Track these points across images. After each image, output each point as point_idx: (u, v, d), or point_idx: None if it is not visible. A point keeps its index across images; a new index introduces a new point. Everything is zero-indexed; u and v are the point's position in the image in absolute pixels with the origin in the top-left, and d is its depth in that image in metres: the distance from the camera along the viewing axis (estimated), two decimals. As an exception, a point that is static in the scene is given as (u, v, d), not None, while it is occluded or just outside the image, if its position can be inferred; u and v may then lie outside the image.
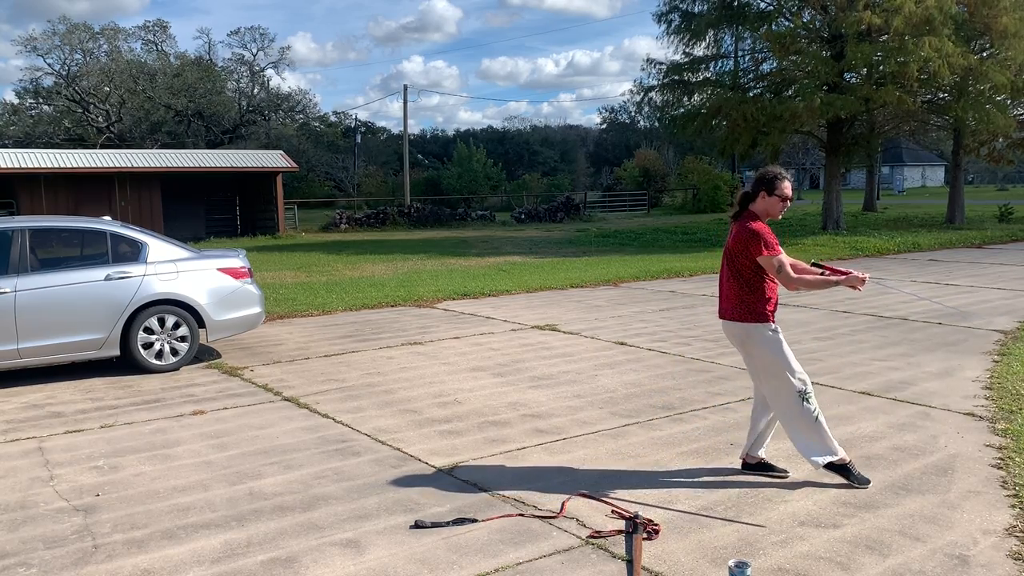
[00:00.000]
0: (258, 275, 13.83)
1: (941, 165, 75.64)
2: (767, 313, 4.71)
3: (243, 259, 8.87)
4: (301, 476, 5.18)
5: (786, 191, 4.68)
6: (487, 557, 3.99)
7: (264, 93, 57.93)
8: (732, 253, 4.74)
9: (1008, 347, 8.43)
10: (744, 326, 4.73)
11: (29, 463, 5.54)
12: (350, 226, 32.92)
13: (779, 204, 4.71)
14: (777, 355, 4.69)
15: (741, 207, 4.80)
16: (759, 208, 4.75)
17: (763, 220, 4.74)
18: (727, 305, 4.83)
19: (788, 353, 4.71)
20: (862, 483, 4.72)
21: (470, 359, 8.51)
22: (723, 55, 27.00)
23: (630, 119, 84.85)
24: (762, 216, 4.74)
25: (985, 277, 14.32)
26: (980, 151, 27.87)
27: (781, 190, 4.68)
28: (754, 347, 4.74)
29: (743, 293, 4.72)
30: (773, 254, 4.59)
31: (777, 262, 4.60)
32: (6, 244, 7.66)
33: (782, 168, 4.83)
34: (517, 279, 15.19)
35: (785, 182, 4.69)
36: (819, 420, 4.69)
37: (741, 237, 4.68)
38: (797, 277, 4.65)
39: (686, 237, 24.56)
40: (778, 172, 4.73)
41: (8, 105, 53.15)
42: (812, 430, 4.69)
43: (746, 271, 4.70)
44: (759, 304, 4.70)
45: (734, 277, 4.75)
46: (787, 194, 4.68)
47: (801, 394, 4.67)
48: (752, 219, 4.72)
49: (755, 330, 4.70)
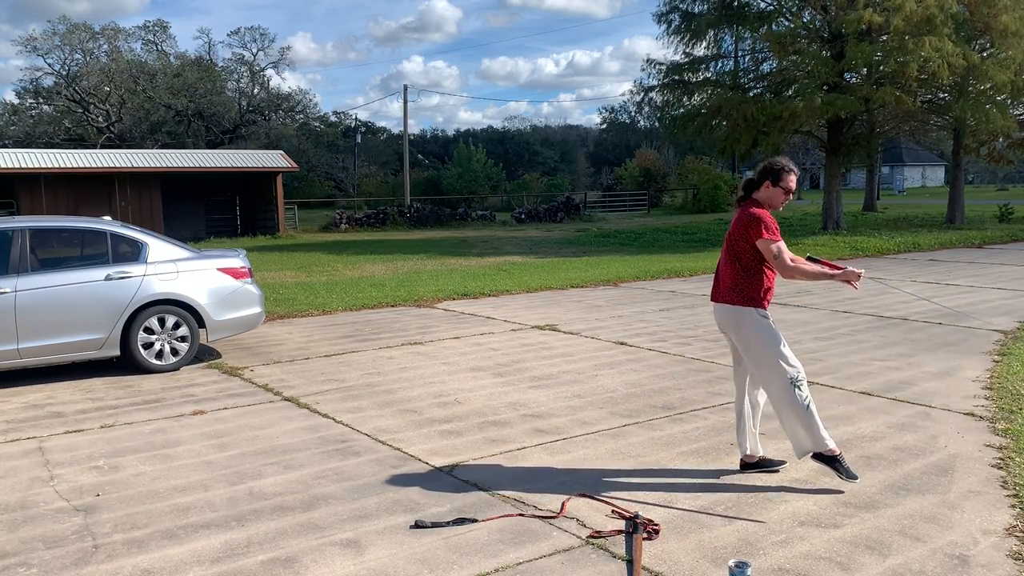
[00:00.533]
0: (258, 275, 13.84)
1: (941, 165, 75.65)
2: (760, 299, 4.72)
3: (243, 259, 8.87)
4: (301, 476, 5.18)
5: (790, 183, 4.73)
6: (487, 557, 3.99)
7: (264, 93, 57.95)
8: (732, 237, 4.78)
9: (1008, 347, 8.43)
10: (734, 309, 4.75)
11: (29, 463, 5.54)
12: (350, 226, 32.93)
13: (782, 195, 4.76)
14: (767, 340, 4.69)
15: (745, 193, 4.84)
16: (762, 196, 4.80)
17: (766, 208, 4.77)
18: (721, 288, 4.86)
19: (779, 339, 4.71)
20: (850, 477, 4.70)
21: (470, 359, 8.51)
22: (723, 55, 27.00)
23: (630, 119, 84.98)
24: (764, 205, 4.79)
25: (985, 277, 14.31)
26: (980, 151, 27.87)
27: (786, 182, 4.73)
28: (744, 331, 4.74)
29: (739, 277, 4.74)
30: (772, 239, 4.62)
31: (776, 247, 4.62)
32: (6, 244, 7.66)
33: (790, 160, 4.86)
34: (517, 279, 15.19)
35: (791, 175, 4.75)
36: (810, 409, 4.67)
37: (742, 221, 4.71)
38: (793, 266, 4.66)
39: (686, 237, 24.56)
40: (784, 164, 4.78)
41: (8, 105, 53.22)
42: (802, 419, 4.68)
43: (744, 255, 4.72)
44: (753, 289, 4.72)
45: (732, 261, 4.78)
46: (791, 187, 4.74)
47: (793, 381, 4.66)
48: (755, 205, 4.76)
49: (745, 314, 4.72)
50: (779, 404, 4.74)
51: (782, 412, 4.74)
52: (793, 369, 4.67)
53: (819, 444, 4.70)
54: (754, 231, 4.65)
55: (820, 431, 4.69)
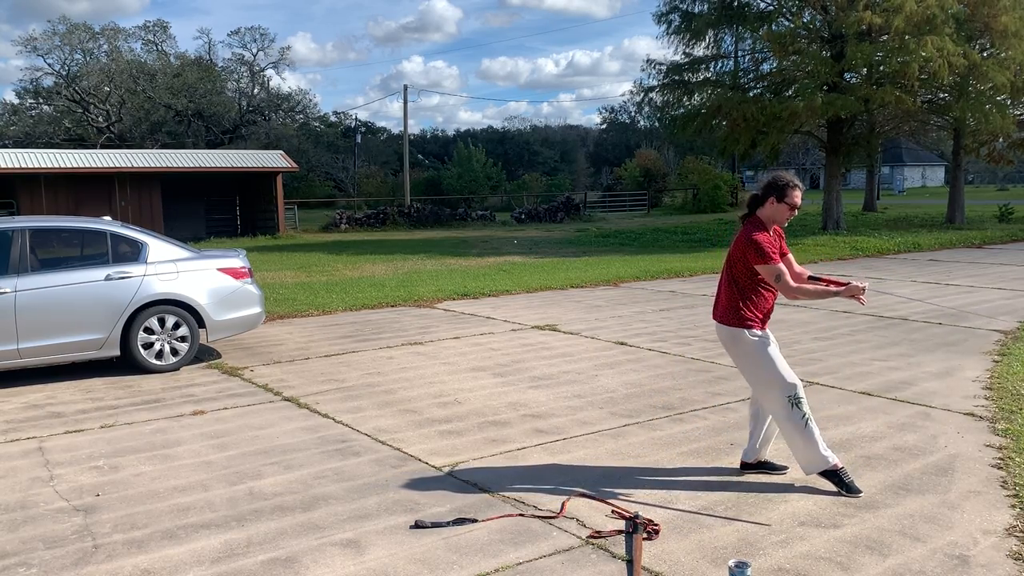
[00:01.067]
0: (258, 275, 13.83)
1: (941, 165, 75.64)
2: (754, 320, 4.72)
3: (243, 259, 8.87)
4: (301, 476, 5.18)
5: (795, 200, 4.70)
6: (487, 557, 3.99)
7: (264, 93, 57.97)
8: (731, 259, 4.78)
9: (1008, 347, 8.43)
10: (730, 330, 4.76)
11: (29, 463, 5.54)
12: (350, 226, 32.93)
13: (787, 212, 4.72)
14: (761, 360, 4.70)
15: (750, 210, 4.82)
16: (765, 213, 4.75)
17: (768, 226, 4.75)
18: (719, 307, 4.88)
19: (774, 357, 4.70)
20: (853, 492, 4.66)
21: (470, 359, 8.51)
22: (723, 55, 26.98)
23: (630, 119, 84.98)
24: (767, 222, 4.75)
25: (985, 277, 14.31)
26: (980, 151, 27.87)
27: (791, 198, 4.69)
28: (739, 351, 4.78)
29: (735, 298, 4.75)
30: (771, 263, 4.61)
31: (775, 271, 4.61)
32: (6, 244, 7.66)
33: (795, 176, 4.83)
34: (517, 279, 15.19)
35: (796, 191, 4.70)
36: (809, 427, 4.65)
37: (740, 244, 4.70)
38: (796, 286, 4.66)
39: (686, 237, 24.56)
40: (790, 180, 4.73)
41: (8, 105, 53.25)
42: (802, 437, 4.67)
43: (741, 278, 4.73)
44: (748, 310, 4.72)
45: (730, 282, 4.79)
46: (796, 203, 4.70)
47: (790, 399, 4.64)
48: (755, 226, 4.72)
49: (740, 335, 4.73)
50: (779, 421, 4.76)
51: (783, 429, 4.76)
52: (789, 387, 4.65)
53: (820, 461, 4.68)
54: (752, 257, 4.64)
55: (820, 448, 4.66)
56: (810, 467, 4.73)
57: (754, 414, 5.03)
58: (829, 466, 4.70)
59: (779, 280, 4.61)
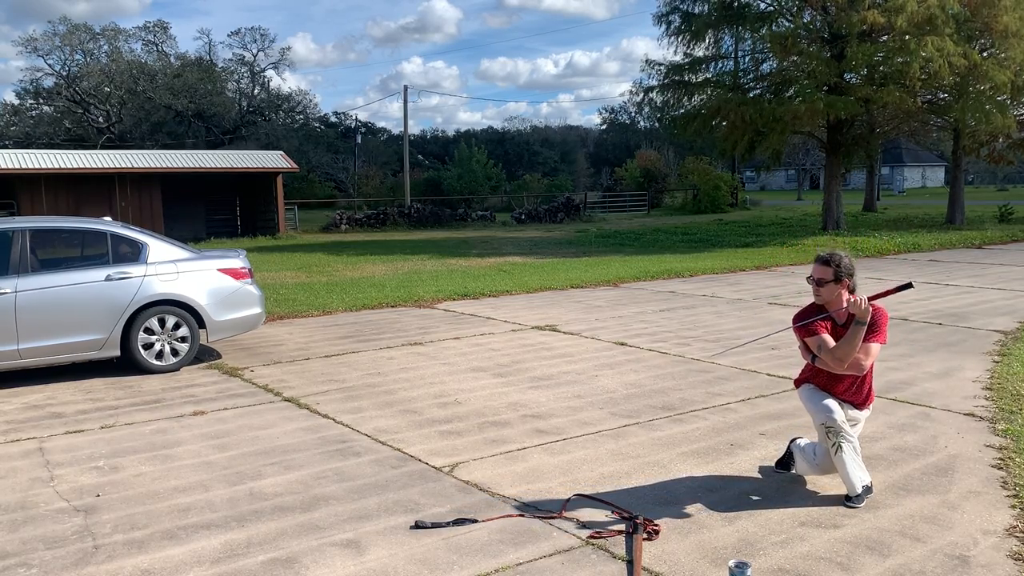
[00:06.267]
0: (258, 275, 13.83)
1: (941, 165, 75.65)
2: (801, 379, 4.95)
3: (243, 259, 8.87)
4: (301, 476, 5.18)
5: (811, 273, 4.79)
6: (487, 557, 3.99)
7: (264, 94, 58.02)
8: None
9: (1008, 347, 8.43)
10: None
11: (29, 463, 5.54)
12: (350, 227, 32.93)
13: (814, 288, 4.79)
14: (805, 404, 4.86)
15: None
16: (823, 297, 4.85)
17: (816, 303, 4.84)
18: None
19: (811, 399, 4.78)
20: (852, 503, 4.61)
21: (470, 359, 8.52)
22: (723, 56, 26.98)
23: (630, 119, 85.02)
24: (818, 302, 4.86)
25: (985, 277, 14.31)
26: (980, 151, 27.87)
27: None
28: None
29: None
30: (815, 335, 4.71)
31: (816, 342, 4.71)
32: (7, 244, 7.66)
33: (830, 252, 4.83)
34: (517, 279, 15.19)
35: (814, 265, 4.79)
36: (839, 455, 4.57)
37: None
38: (830, 353, 4.65)
39: (686, 238, 24.55)
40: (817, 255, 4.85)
41: (8, 106, 53.27)
42: (836, 462, 4.63)
43: (800, 343, 4.89)
44: (802, 372, 4.97)
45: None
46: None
47: (823, 425, 4.62)
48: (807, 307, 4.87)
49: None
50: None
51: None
52: (822, 415, 4.62)
53: (850, 488, 4.62)
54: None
55: (850, 477, 4.60)
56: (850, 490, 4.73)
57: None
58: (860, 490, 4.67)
59: (821, 350, 4.71)
